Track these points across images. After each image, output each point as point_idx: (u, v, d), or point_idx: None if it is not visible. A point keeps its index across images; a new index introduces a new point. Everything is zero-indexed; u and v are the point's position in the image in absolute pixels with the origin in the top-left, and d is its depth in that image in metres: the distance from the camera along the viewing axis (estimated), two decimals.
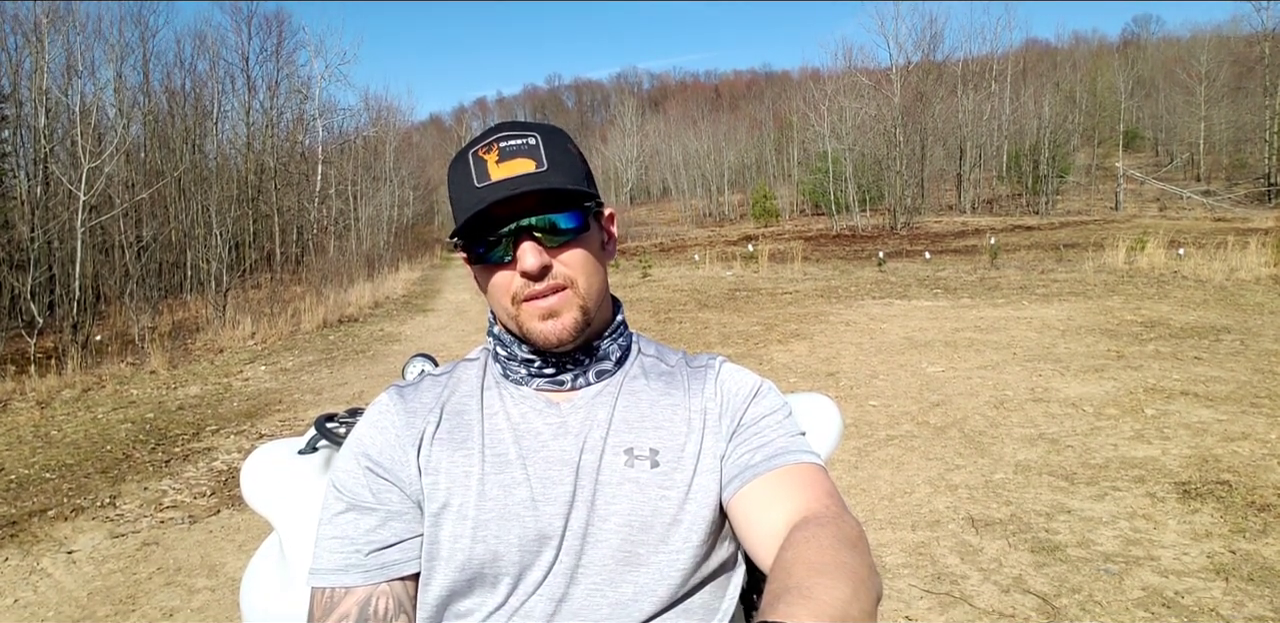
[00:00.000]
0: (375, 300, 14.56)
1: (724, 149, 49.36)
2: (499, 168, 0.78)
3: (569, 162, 0.81)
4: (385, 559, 0.79)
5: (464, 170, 0.80)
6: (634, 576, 0.79)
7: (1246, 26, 35.82)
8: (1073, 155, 38.48)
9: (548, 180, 0.78)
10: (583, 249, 0.81)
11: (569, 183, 0.79)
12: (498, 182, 0.77)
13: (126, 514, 3.92)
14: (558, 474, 0.81)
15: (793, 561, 0.66)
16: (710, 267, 16.44)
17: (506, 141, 0.79)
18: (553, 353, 0.84)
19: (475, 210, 0.76)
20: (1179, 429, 4.22)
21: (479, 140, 0.82)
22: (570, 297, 0.80)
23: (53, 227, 14.42)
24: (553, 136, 0.82)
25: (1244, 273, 10.13)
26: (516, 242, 0.78)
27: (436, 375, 0.91)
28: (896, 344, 7.05)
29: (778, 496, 0.77)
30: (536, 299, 0.79)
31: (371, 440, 0.84)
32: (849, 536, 0.69)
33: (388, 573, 0.79)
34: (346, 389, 6.76)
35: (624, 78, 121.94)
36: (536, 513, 0.79)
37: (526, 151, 0.79)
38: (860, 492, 3.63)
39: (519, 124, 0.82)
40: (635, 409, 0.85)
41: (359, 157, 30.92)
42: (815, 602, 0.58)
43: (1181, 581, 2.63)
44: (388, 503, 0.81)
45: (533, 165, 0.78)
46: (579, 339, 0.82)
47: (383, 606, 0.77)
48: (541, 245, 0.78)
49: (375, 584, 0.78)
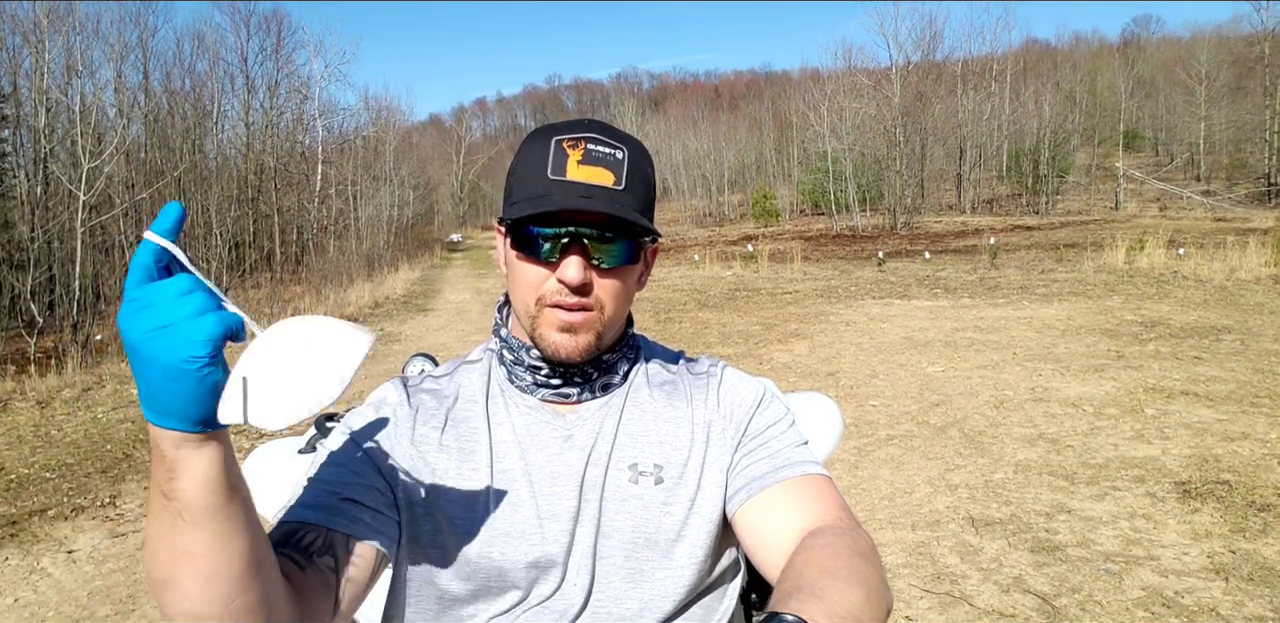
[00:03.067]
0: (375, 300, 14.55)
1: (724, 149, 49.34)
2: (579, 169, 0.75)
3: (645, 187, 0.79)
4: (352, 513, 0.73)
5: (540, 153, 0.77)
6: (639, 592, 0.79)
7: (1246, 26, 35.92)
8: (1073, 155, 38.48)
9: (622, 202, 0.76)
10: (622, 280, 0.79)
11: (639, 209, 0.78)
12: (573, 183, 0.75)
13: (126, 514, 3.92)
14: (562, 489, 0.80)
15: (805, 563, 0.66)
16: (710, 267, 16.44)
17: (596, 145, 0.76)
18: (560, 363, 0.82)
19: (544, 209, 0.73)
20: (1179, 429, 4.22)
21: (568, 129, 0.78)
22: (594, 319, 0.78)
23: (53, 226, 14.42)
24: (639, 156, 0.79)
25: (1244, 273, 10.13)
26: (567, 248, 0.76)
27: (437, 377, 0.89)
28: (896, 344, 7.05)
29: (789, 507, 0.77)
30: (561, 310, 0.77)
31: (369, 426, 0.82)
32: (862, 548, 0.69)
33: (348, 526, 0.72)
34: (346, 389, 6.76)
35: (624, 78, 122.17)
36: (542, 531, 0.78)
37: (612, 164, 0.76)
38: (860, 492, 3.63)
39: (613, 130, 0.80)
40: (639, 422, 0.84)
41: (359, 157, 30.94)
42: (827, 602, 0.58)
43: (1181, 580, 2.63)
44: (368, 482, 0.77)
45: (612, 180, 0.76)
46: (587, 358, 0.81)
47: (310, 539, 0.69)
48: (588, 262, 0.76)
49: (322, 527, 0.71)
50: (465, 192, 60.65)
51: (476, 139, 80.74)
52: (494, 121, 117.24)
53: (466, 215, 60.28)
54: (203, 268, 7.59)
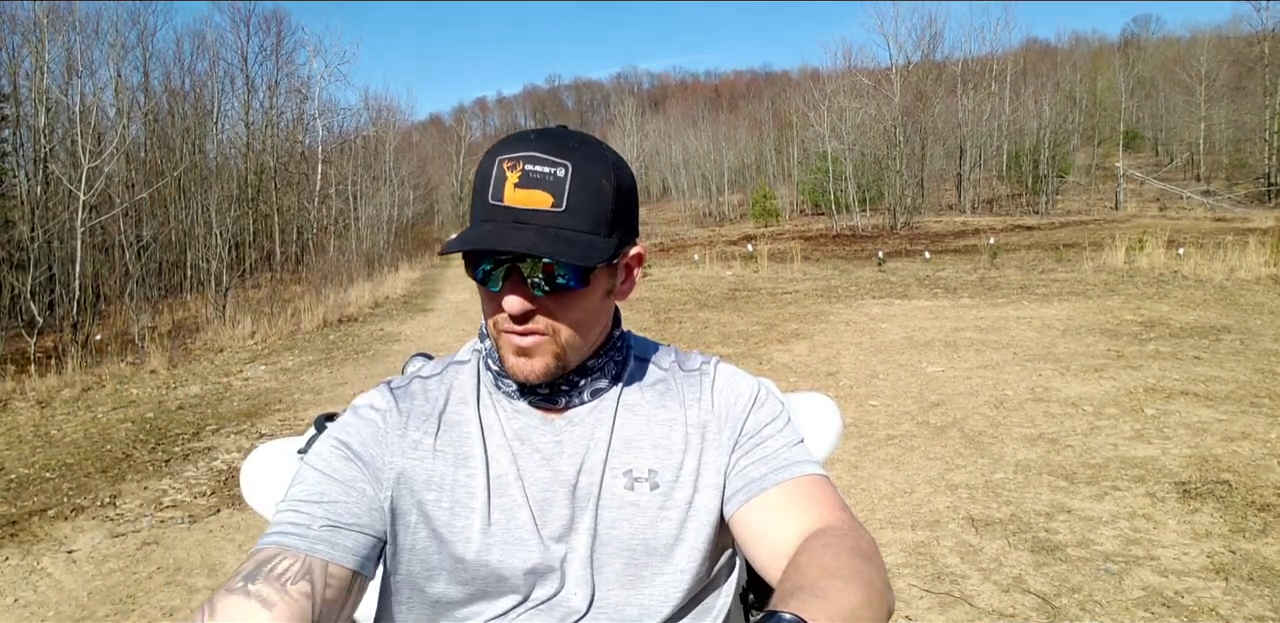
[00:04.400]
0: (375, 300, 14.55)
1: (724, 149, 49.32)
2: (515, 192, 0.72)
3: (593, 207, 0.74)
4: (332, 539, 0.73)
5: (485, 173, 0.75)
6: (639, 598, 0.79)
7: (1246, 26, 35.84)
8: (1073, 155, 38.47)
9: (560, 224, 0.72)
10: (575, 303, 0.77)
11: (586, 228, 0.74)
12: (508, 208, 0.73)
13: (126, 514, 3.92)
14: (554, 496, 0.79)
15: (807, 563, 0.66)
16: (710, 266, 16.43)
17: (535, 164, 0.72)
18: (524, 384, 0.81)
19: (467, 247, 0.73)
20: (1179, 429, 4.22)
21: (511, 146, 0.74)
22: (546, 343, 0.77)
23: (53, 226, 14.43)
24: (587, 170, 0.73)
25: (1244, 273, 10.13)
26: (508, 276, 0.75)
27: (426, 377, 0.88)
28: (896, 344, 7.05)
29: (788, 510, 0.76)
30: (514, 335, 0.77)
31: (356, 432, 0.80)
32: (864, 549, 0.69)
33: (328, 552, 0.72)
34: (346, 389, 6.76)
35: (624, 78, 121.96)
36: (540, 537, 0.78)
37: (550, 185, 0.72)
38: (860, 492, 3.63)
39: (558, 145, 0.74)
40: (632, 426, 0.83)
41: (359, 156, 30.92)
42: (828, 602, 0.58)
43: (1181, 580, 2.63)
44: (355, 494, 0.77)
45: (549, 202, 0.72)
46: (552, 378, 0.79)
47: (285, 566, 0.70)
48: (529, 290, 0.75)
49: (301, 553, 0.71)
50: (465, 192, 60.56)
51: (476, 139, 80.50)
52: (494, 121, 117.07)
53: (466, 215, 60.10)
54: (203, 268, 7.62)
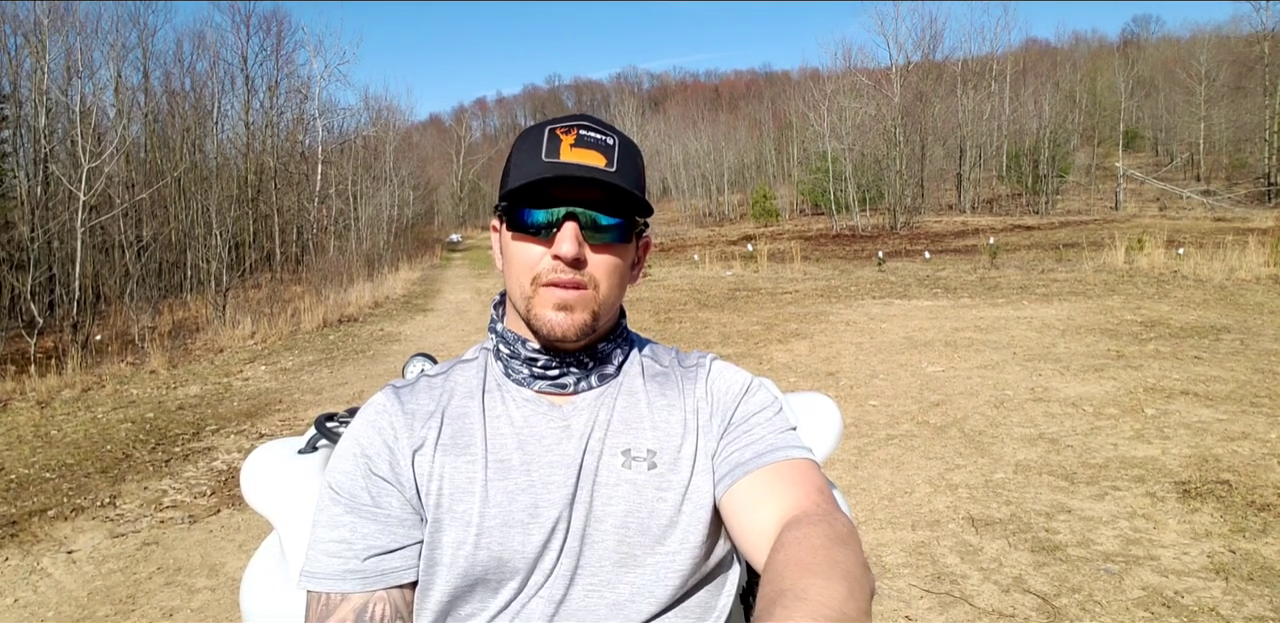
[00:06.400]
0: (375, 300, 14.55)
1: (724, 149, 49.32)
2: (572, 151, 0.79)
3: (635, 175, 0.83)
4: (384, 566, 0.78)
5: (535, 141, 0.80)
6: (631, 577, 0.79)
7: (1246, 26, 35.85)
8: (1073, 155, 38.44)
9: (615, 181, 0.79)
10: (616, 257, 0.82)
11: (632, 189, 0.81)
12: (566, 163, 0.78)
13: (126, 514, 3.92)
14: (560, 477, 0.80)
15: (785, 562, 0.66)
16: (710, 266, 16.44)
17: (588, 131, 0.81)
18: (557, 353, 0.84)
19: (541, 177, 0.76)
20: (1179, 429, 4.22)
21: (560, 121, 0.82)
22: (588, 297, 0.80)
23: (53, 227, 14.42)
24: (629, 147, 0.83)
25: (1244, 273, 10.13)
26: (562, 224, 0.78)
27: (432, 376, 0.90)
28: (896, 344, 7.05)
29: (767, 493, 0.77)
30: (557, 287, 0.79)
31: (370, 442, 0.82)
32: (840, 533, 0.69)
33: (386, 580, 0.78)
34: (346, 389, 6.76)
35: (624, 78, 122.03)
36: (539, 518, 0.79)
37: (604, 148, 0.80)
38: (860, 492, 3.63)
39: (604, 123, 0.84)
40: (634, 410, 0.85)
41: (359, 157, 30.88)
42: (811, 604, 0.58)
43: (1181, 580, 2.63)
44: (387, 508, 0.79)
45: (604, 162, 0.79)
46: (582, 340, 0.82)
47: (379, 612, 0.76)
48: (582, 238, 0.79)
49: (372, 591, 0.77)
50: (465, 192, 60.58)
51: (476, 139, 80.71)
52: (494, 121, 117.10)
53: (466, 215, 60.21)
54: (203, 268, 7.63)
